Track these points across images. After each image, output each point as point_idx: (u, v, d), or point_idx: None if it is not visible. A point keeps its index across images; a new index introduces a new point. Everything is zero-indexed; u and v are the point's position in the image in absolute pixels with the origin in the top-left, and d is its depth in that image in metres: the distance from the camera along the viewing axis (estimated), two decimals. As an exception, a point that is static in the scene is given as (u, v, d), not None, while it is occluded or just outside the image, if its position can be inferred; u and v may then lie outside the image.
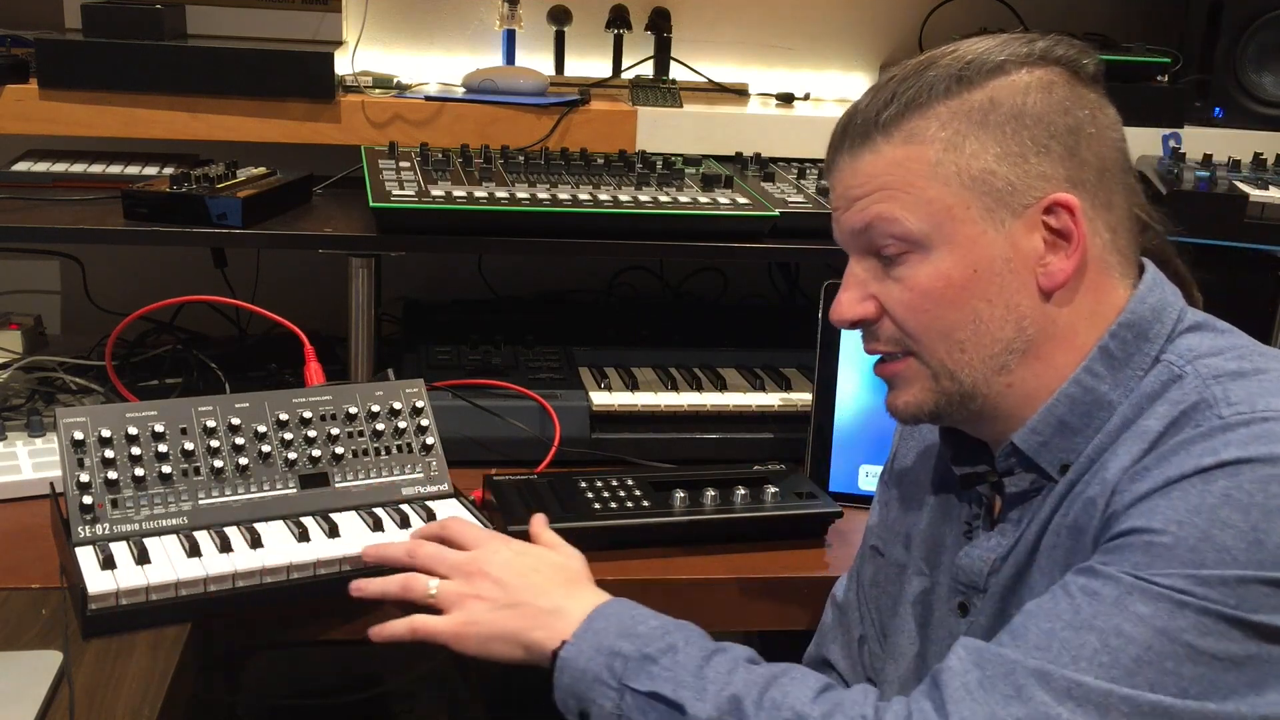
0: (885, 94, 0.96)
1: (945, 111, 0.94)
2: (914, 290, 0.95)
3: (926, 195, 0.94)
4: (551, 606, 1.03)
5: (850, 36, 2.23)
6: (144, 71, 1.67)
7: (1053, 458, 0.95)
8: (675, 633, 0.97)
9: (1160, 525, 0.82)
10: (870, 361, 1.04)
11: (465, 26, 2.10)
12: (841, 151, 0.99)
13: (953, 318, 0.95)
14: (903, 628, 1.10)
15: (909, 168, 0.94)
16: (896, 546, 1.15)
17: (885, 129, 0.95)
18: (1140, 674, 0.80)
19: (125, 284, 1.95)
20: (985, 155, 0.93)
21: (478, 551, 1.11)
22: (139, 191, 1.54)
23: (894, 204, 0.94)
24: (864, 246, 0.98)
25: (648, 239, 1.57)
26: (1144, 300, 0.96)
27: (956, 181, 0.93)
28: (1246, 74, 1.99)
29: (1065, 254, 0.93)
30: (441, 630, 1.06)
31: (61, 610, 1.14)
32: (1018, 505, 0.99)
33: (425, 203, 1.49)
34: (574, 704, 0.97)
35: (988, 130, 0.93)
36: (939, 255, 0.94)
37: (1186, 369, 0.91)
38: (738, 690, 0.90)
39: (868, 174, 0.96)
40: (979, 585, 1.00)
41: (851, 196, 0.98)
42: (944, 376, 0.97)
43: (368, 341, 1.59)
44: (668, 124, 1.82)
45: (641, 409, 1.59)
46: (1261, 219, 1.65)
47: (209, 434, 1.28)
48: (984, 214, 0.93)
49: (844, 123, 1.00)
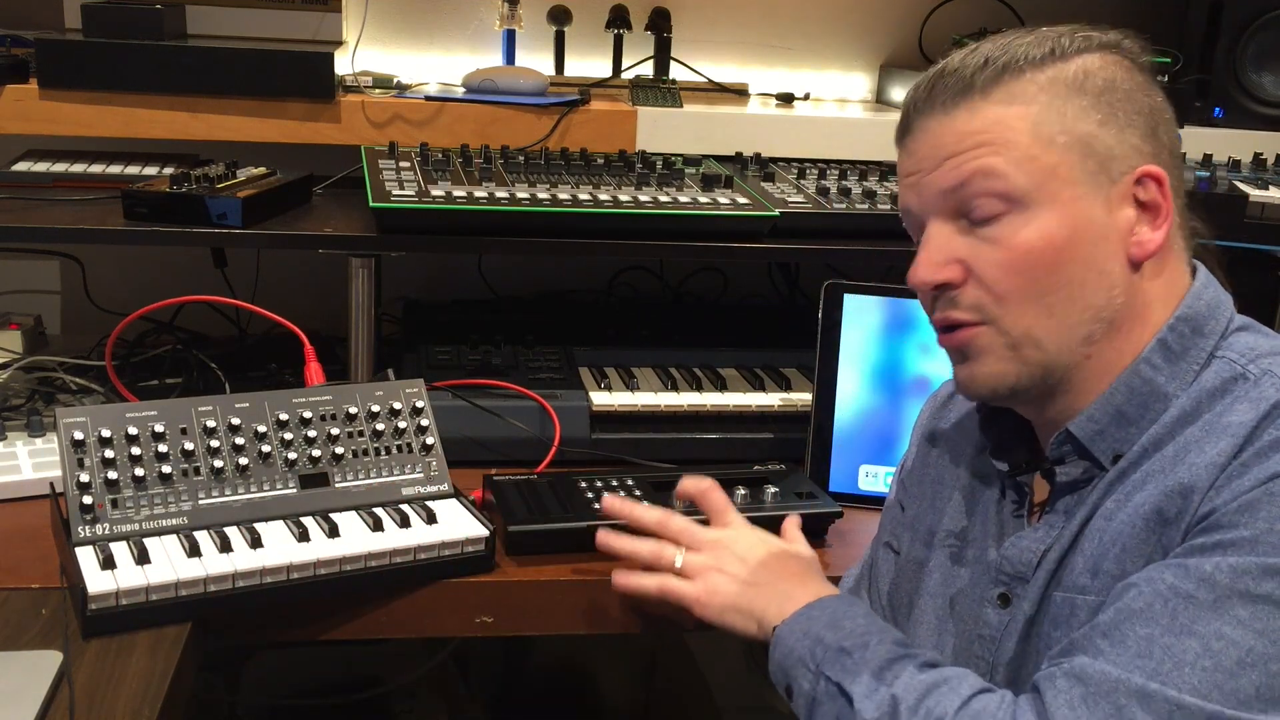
0: (976, 58, 0.96)
1: (1042, 77, 0.94)
2: (1013, 250, 0.93)
3: (1029, 153, 0.93)
4: (784, 590, 1.10)
5: (850, 36, 2.23)
6: (144, 71, 1.67)
7: (1106, 447, 0.96)
8: (874, 633, 1.00)
9: (1264, 525, 0.83)
10: (870, 361, 1.04)
11: (465, 26, 2.10)
12: (930, 110, 0.97)
13: (1048, 281, 0.93)
14: (922, 620, 1.10)
15: (1011, 125, 0.94)
16: (916, 544, 1.15)
17: (984, 89, 0.95)
18: (1243, 676, 0.80)
19: (125, 284, 1.95)
20: (1087, 119, 0.94)
21: (726, 531, 1.20)
22: (139, 191, 1.53)
23: (996, 159, 0.93)
24: (952, 207, 0.96)
25: (648, 239, 1.57)
26: (1200, 296, 0.97)
27: (1060, 142, 0.93)
28: (1246, 74, 1.99)
29: (1153, 225, 0.95)
30: (686, 594, 1.15)
31: (61, 610, 1.14)
32: (1066, 494, 0.98)
33: (425, 203, 1.49)
34: (782, 679, 1.04)
35: (1085, 96, 0.94)
36: (1039, 215, 0.93)
37: (1250, 367, 0.92)
38: (899, 693, 0.92)
39: (965, 131, 0.95)
40: (1025, 576, 0.99)
41: (943, 154, 0.96)
42: (1026, 344, 0.95)
43: (368, 341, 1.59)
44: (668, 124, 1.82)
45: (641, 409, 1.59)
46: (1261, 219, 1.65)
47: (209, 434, 1.28)
48: (1085, 176, 0.93)
49: (929, 84, 0.98)
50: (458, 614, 1.27)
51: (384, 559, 1.23)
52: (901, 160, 1.01)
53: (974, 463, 1.11)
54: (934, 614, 1.09)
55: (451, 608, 1.27)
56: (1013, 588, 1.00)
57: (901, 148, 1.01)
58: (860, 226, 1.64)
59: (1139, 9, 2.21)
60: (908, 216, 1.02)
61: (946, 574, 1.09)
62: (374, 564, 1.22)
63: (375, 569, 1.23)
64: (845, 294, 1.53)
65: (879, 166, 1.86)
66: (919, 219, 1.00)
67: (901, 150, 1.01)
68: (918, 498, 1.17)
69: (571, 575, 1.29)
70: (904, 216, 1.03)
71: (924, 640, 1.09)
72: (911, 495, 1.19)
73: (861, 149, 1.88)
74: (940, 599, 1.09)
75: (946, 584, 1.09)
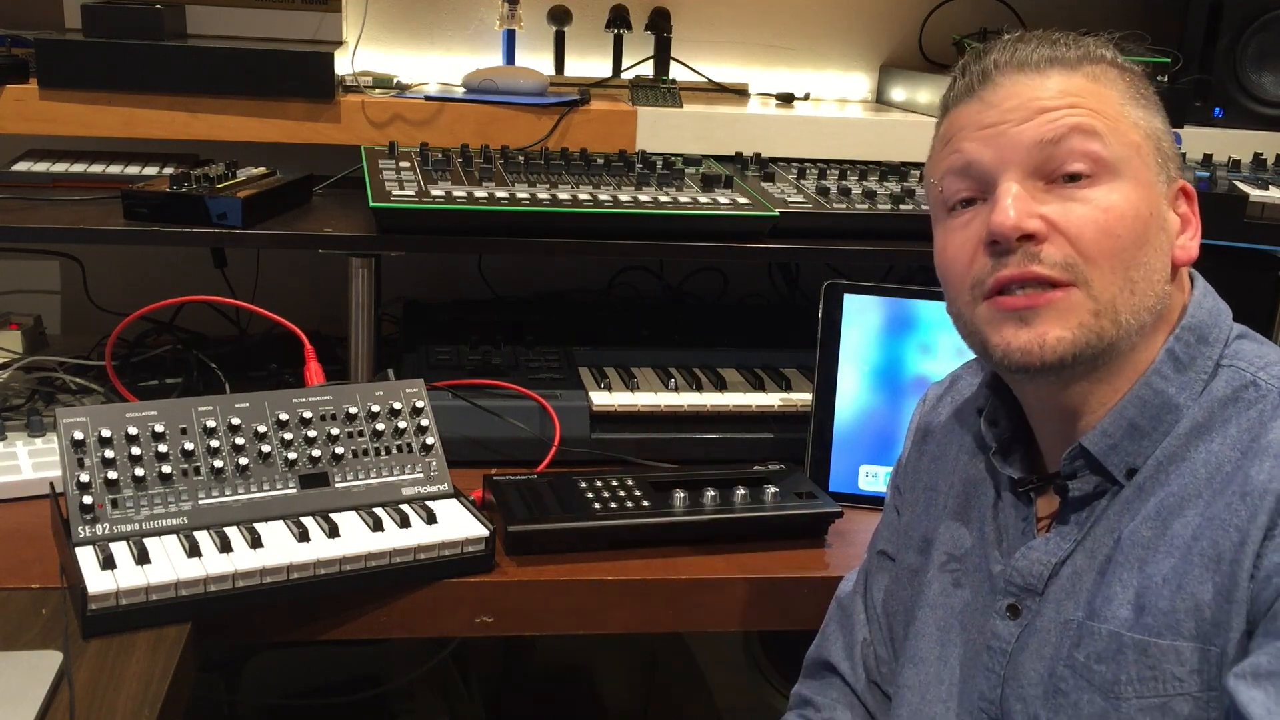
0: (1055, 40, 0.96)
1: (1114, 72, 0.95)
2: (1108, 212, 0.91)
3: (1120, 127, 0.93)
4: None
5: (850, 36, 2.23)
6: (144, 71, 1.67)
7: (1120, 461, 0.94)
8: None
9: None
10: (870, 361, 1.03)
11: (465, 26, 2.10)
12: (1022, 66, 0.94)
13: (1133, 253, 0.91)
14: (924, 631, 1.08)
15: (1104, 97, 0.93)
16: (910, 551, 1.14)
17: (1072, 64, 0.94)
18: None
19: (125, 284, 1.95)
20: (1156, 119, 0.95)
21: None
22: (139, 191, 1.53)
23: (1095, 120, 0.92)
24: (1039, 161, 0.92)
25: (648, 239, 1.57)
26: (1201, 305, 0.97)
27: (1141, 126, 0.94)
28: (1246, 74, 1.99)
29: (1190, 236, 0.97)
30: None
31: (61, 610, 1.14)
32: (1077, 507, 0.97)
33: (425, 203, 1.49)
34: None
35: (1149, 99, 0.96)
36: (1128, 187, 0.92)
37: (1261, 375, 0.92)
38: None
39: (1063, 89, 0.93)
40: (1036, 588, 0.97)
41: (1038, 107, 0.92)
42: (1107, 315, 0.91)
43: (368, 341, 1.59)
44: (668, 124, 1.82)
45: (641, 409, 1.59)
46: (1261, 219, 1.65)
47: (209, 434, 1.28)
48: (1157, 167, 0.94)
49: (1010, 45, 0.96)
50: (458, 614, 1.28)
51: (384, 559, 1.23)
52: (971, 111, 0.96)
53: (967, 466, 1.10)
54: (936, 626, 1.07)
55: (451, 608, 1.27)
56: (1022, 599, 0.98)
57: (974, 99, 0.96)
58: (860, 226, 1.64)
59: (1139, 9, 2.21)
60: (970, 169, 0.95)
61: (945, 582, 1.08)
62: (374, 564, 1.22)
63: (375, 569, 1.23)
64: (845, 294, 1.53)
65: (879, 166, 1.86)
66: (990, 172, 0.94)
67: (972, 102, 0.96)
68: (911, 503, 1.16)
69: (571, 575, 1.29)
70: (960, 172, 0.96)
71: (928, 652, 1.07)
72: (906, 500, 1.18)
73: (861, 149, 1.88)
74: (942, 609, 1.07)
75: (947, 594, 1.07)
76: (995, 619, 1.00)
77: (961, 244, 0.96)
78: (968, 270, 0.95)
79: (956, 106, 0.98)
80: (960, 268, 0.96)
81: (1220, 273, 1.05)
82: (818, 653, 1.23)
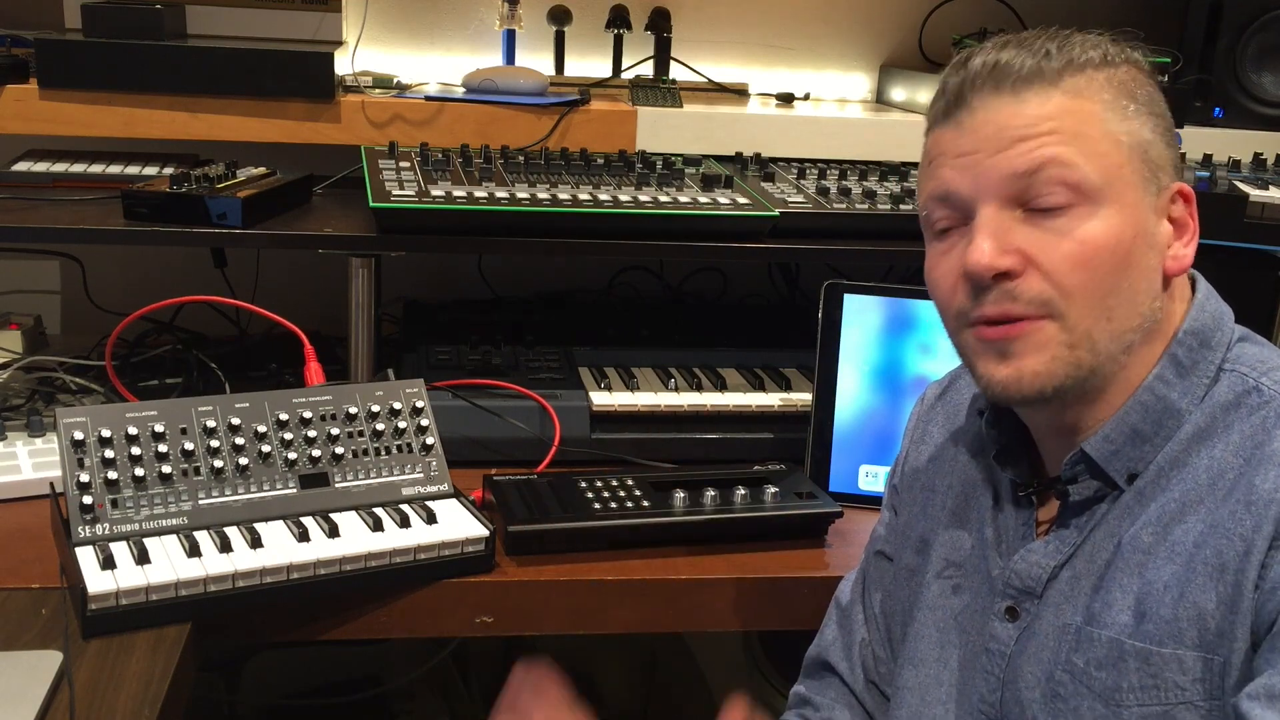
0: (1038, 48, 0.92)
1: (1101, 77, 0.92)
2: (1083, 244, 0.89)
3: (1100, 148, 0.90)
4: None
5: (850, 36, 2.23)
6: (144, 71, 1.67)
7: (1121, 466, 0.94)
8: None
9: None
10: (870, 361, 1.03)
11: (465, 26, 2.10)
12: (997, 88, 0.91)
13: (1112, 282, 0.90)
14: (923, 633, 1.08)
15: (1083, 118, 0.90)
16: (908, 551, 1.13)
17: (1052, 78, 0.91)
18: None
19: (125, 284, 1.96)
20: (1144, 126, 0.92)
21: None
22: (139, 191, 1.53)
23: (1070, 149, 0.89)
24: (1015, 193, 0.91)
25: (648, 239, 1.57)
26: (1203, 308, 0.96)
27: (1124, 142, 0.91)
28: (1246, 74, 1.99)
29: (1184, 243, 0.94)
30: None
31: (61, 610, 1.14)
32: (1077, 512, 0.97)
33: (425, 203, 1.49)
34: None
35: (1139, 104, 0.92)
36: (1108, 212, 0.90)
37: (1264, 380, 0.92)
38: None
39: (1038, 115, 0.90)
40: (1035, 591, 0.97)
41: (1012, 136, 0.90)
42: (1083, 346, 0.91)
43: (368, 341, 1.59)
44: (668, 124, 1.82)
45: (641, 409, 1.59)
46: (1261, 219, 1.65)
47: (209, 434, 1.28)
48: (1142, 182, 0.92)
49: (989, 63, 0.92)
50: (458, 614, 1.28)
51: (384, 559, 1.23)
52: (948, 138, 0.94)
53: (966, 467, 1.10)
54: (935, 627, 1.07)
55: (451, 608, 1.27)
56: (1020, 601, 0.98)
57: (950, 124, 0.94)
58: (860, 226, 1.64)
59: (1139, 9, 2.21)
60: (949, 199, 0.94)
61: (944, 584, 1.08)
62: (374, 564, 1.23)
63: (375, 569, 1.23)
64: (845, 294, 1.53)
65: (879, 166, 1.86)
66: (967, 202, 0.93)
67: (949, 127, 0.94)
68: (909, 504, 1.16)
69: (571, 575, 1.29)
70: (940, 199, 0.95)
71: (927, 654, 1.07)
72: (903, 500, 1.18)
73: (861, 149, 1.88)
74: (941, 611, 1.07)
75: (946, 597, 1.07)
76: (994, 621, 1.00)
77: (945, 272, 0.96)
78: (951, 299, 0.96)
79: (935, 129, 0.97)
80: (945, 295, 0.97)
81: (1220, 273, 1.05)
82: (817, 652, 1.23)
